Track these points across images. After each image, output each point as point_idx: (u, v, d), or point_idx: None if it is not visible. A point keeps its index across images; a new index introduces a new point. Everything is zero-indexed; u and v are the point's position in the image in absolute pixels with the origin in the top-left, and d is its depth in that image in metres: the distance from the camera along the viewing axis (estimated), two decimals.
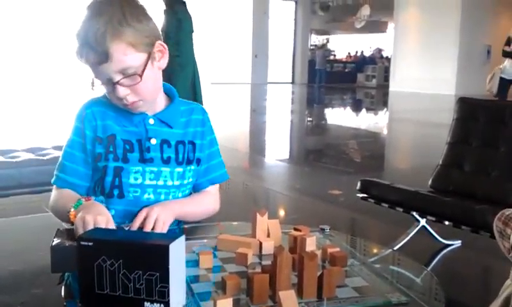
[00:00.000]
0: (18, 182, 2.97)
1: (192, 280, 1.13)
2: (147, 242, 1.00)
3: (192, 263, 1.21)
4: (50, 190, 1.46)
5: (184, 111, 1.47)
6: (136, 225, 1.28)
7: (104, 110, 1.39)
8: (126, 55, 1.27)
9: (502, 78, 8.63)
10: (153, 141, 1.39)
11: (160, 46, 1.36)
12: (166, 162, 1.40)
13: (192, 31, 5.59)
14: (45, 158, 3.15)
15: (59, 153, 1.45)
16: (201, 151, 1.47)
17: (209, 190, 1.53)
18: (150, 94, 1.37)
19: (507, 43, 8.71)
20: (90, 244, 0.97)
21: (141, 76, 1.29)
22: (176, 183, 1.42)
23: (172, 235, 1.04)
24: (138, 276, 0.94)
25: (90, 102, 1.41)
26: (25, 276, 2.84)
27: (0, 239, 3.39)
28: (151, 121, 1.40)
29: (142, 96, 1.34)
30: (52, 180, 1.43)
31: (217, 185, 1.56)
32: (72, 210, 1.25)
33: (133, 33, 1.28)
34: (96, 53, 1.25)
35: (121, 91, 1.30)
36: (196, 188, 1.52)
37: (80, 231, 1.15)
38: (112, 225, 1.21)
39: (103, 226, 1.17)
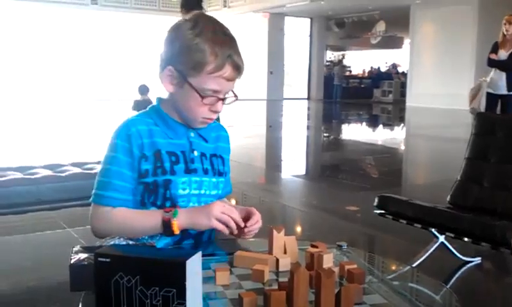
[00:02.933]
0: (37, 199, 2.99)
1: (208, 297, 1.13)
2: (164, 258, 1.00)
3: (209, 279, 1.21)
4: (68, 207, 1.47)
5: (214, 127, 1.58)
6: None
7: (147, 129, 1.44)
8: None
9: (488, 94, 7.01)
10: (196, 153, 1.49)
11: None
12: (206, 172, 1.50)
13: None
14: (63, 175, 3.16)
15: (78, 170, 1.46)
16: (227, 166, 1.58)
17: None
18: None
19: (494, 51, 6.96)
20: (108, 260, 0.97)
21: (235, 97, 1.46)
22: (213, 192, 1.51)
23: (189, 251, 1.04)
24: (155, 293, 0.94)
25: (133, 121, 1.45)
26: (42, 292, 2.85)
27: (17, 255, 3.41)
28: (192, 134, 1.50)
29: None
30: (103, 201, 1.41)
31: None
32: (174, 219, 1.35)
33: None
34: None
35: (221, 107, 1.45)
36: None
37: (220, 227, 1.35)
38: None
39: (236, 211, 1.37)
